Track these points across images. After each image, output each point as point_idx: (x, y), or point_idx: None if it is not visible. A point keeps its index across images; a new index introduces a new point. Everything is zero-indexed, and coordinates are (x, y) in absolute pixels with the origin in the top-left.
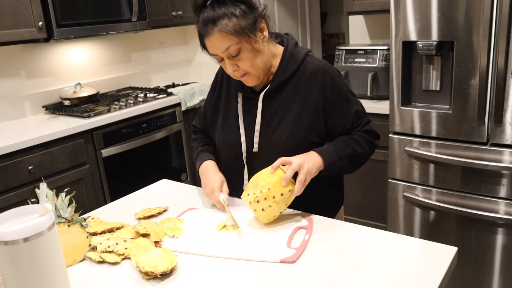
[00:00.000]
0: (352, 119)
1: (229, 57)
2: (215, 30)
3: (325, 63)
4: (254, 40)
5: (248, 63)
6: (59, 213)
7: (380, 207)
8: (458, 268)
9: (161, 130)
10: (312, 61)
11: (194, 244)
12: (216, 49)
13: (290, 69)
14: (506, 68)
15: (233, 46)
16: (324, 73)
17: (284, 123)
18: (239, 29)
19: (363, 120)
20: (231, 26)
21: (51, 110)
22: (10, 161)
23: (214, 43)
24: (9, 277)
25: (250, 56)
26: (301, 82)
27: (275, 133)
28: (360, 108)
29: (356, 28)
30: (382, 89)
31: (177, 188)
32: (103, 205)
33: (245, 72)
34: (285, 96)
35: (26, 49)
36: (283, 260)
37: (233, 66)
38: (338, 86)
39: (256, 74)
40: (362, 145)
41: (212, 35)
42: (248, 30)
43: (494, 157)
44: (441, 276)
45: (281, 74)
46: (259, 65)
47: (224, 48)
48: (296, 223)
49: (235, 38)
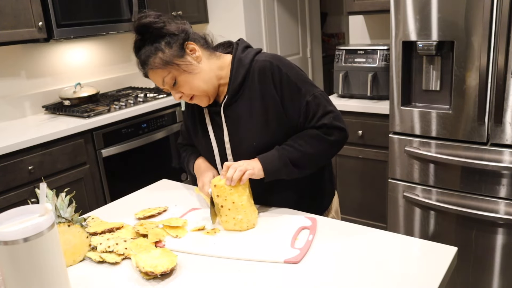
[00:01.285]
0: (304, 111)
1: (170, 87)
2: (147, 69)
3: (272, 56)
4: (185, 65)
5: (187, 87)
6: (59, 213)
7: (380, 207)
8: (458, 268)
9: (161, 130)
10: (260, 58)
11: (196, 244)
12: (157, 83)
13: (240, 75)
14: (506, 68)
15: (167, 77)
16: (271, 66)
17: (251, 129)
18: (165, 61)
19: (317, 113)
20: (157, 61)
21: (51, 110)
22: (10, 161)
23: (153, 79)
24: (9, 277)
25: (187, 80)
26: (254, 83)
27: (244, 140)
28: (313, 99)
29: (356, 28)
30: (382, 89)
31: (177, 188)
32: (103, 205)
33: (191, 96)
34: (244, 102)
35: (26, 49)
36: (287, 261)
37: (178, 93)
38: (286, 76)
39: (203, 94)
40: (310, 144)
41: (149, 73)
42: (175, 58)
43: (494, 157)
44: (441, 276)
45: (233, 82)
46: (200, 86)
47: (161, 81)
48: (299, 224)
49: (164, 71)
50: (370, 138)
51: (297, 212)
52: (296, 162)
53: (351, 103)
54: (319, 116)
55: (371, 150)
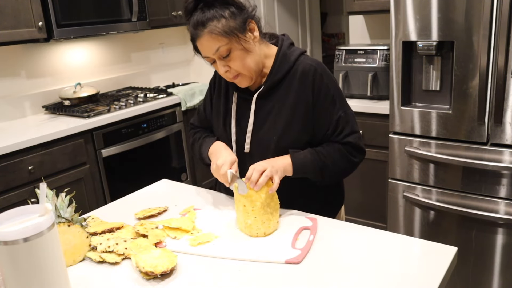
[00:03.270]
0: (334, 124)
1: (220, 58)
2: (204, 32)
3: (317, 63)
4: (244, 40)
5: (239, 63)
6: (59, 213)
7: (380, 207)
8: (458, 268)
9: (161, 130)
10: (305, 60)
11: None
12: (207, 50)
13: (283, 70)
14: (506, 68)
15: (223, 47)
16: (315, 72)
17: (276, 124)
18: (228, 29)
19: (346, 129)
20: (220, 27)
21: (51, 110)
22: (10, 161)
23: (204, 45)
24: (9, 277)
25: (240, 56)
26: (294, 82)
27: (266, 134)
28: (344, 116)
29: (356, 28)
30: (382, 89)
31: (177, 188)
32: (103, 205)
33: (237, 73)
34: (278, 97)
35: (26, 49)
36: (288, 261)
37: (224, 67)
38: (326, 86)
39: (248, 75)
40: (335, 159)
41: (202, 37)
42: (237, 31)
43: (494, 157)
44: (441, 276)
45: (274, 74)
46: (250, 65)
47: (215, 49)
48: (300, 224)
49: (224, 39)
50: (370, 138)
51: (297, 212)
52: (323, 169)
53: (351, 103)
54: (346, 134)
55: (371, 150)
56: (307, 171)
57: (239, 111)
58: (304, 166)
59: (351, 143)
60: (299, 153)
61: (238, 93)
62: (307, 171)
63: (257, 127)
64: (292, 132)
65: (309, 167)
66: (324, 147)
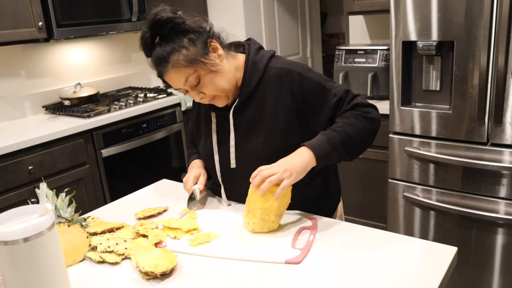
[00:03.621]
0: (334, 103)
1: (191, 88)
2: (169, 67)
3: (288, 63)
4: (210, 64)
5: (211, 87)
6: (59, 213)
7: (380, 207)
8: (458, 268)
9: (161, 130)
10: (275, 65)
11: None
12: (176, 84)
13: (254, 80)
14: (506, 68)
15: (191, 77)
16: (289, 74)
17: (258, 133)
18: (191, 59)
19: (346, 98)
20: (182, 58)
21: (51, 110)
22: (10, 161)
23: (172, 79)
24: (9, 277)
25: (211, 80)
26: (268, 90)
27: (250, 145)
28: (338, 89)
29: (356, 28)
30: (382, 89)
31: (177, 188)
32: (103, 205)
33: (212, 96)
34: (255, 107)
35: (26, 49)
36: (288, 261)
37: (199, 95)
38: (309, 79)
39: (224, 95)
40: (352, 123)
41: (168, 73)
42: (201, 56)
43: (494, 157)
44: (441, 276)
45: (246, 86)
46: (223, 86)
47: (183, 81)
48: (300, 224)
49: (190, 69)
50: None
51: (297, 212)
52: (344, 143)
53: None
54: (349, 100)
55: (371, 150)
56: (330, 153)
57: (219, 129)
58: (325, 151)
59: (358, 104)
60: (313, 141)
61: (216, 112)
62: (330, 153)
63: (240, 141)
64: (275, 138)
65: (330, 150)
66: (336, 120)
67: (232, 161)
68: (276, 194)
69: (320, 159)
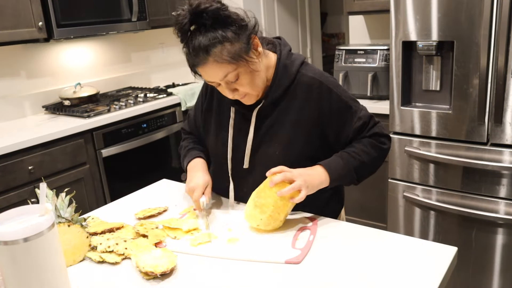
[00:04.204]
0: (358, 126)
1: (227, 83)
2: (209, 60)
3: (320, 74)
4: (251, 62)
5: (247, 86)
6: (59, 213)
7: (380, 207)
8: (458, 268)
9: (161, 130)
10: (307, 73)
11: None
12: (213, 77)
13: (283, 84)
14: (506, 68)
15: (231, 74)
16: (320, 86)
17: (278, 139)
18: (234, 55)
19: (369, 124)
20: (226, 54)
21: (51, 110)
22: (10, 161)
23: (209, 73)
24: (9, 277)
25: (249, 79)
26: (296, 97)
27: (267, 149)
28: (363, 114)
29: (356, 28)
30: (382, 89)
31: (177, 188)
32: (103, 205)
33: (245, 94)
34: (279, 112)
35: (26, 49)
36: (288, 261)
37: (232, 91)
38: (338, 96)
39: (256, 93)
40: (368, 153)
41: (206, 65)
42: (244, 53)
43: (494, 157)
44: (441, 276)
45: (274, 90)
46: (259, 85)
47: (222, 76)
48: (300, 224)
49: (231, 66)
50: None
51: (297, 212)
52: (357, 170)
53: None
54: (370, 127)
55: None
56: (343, 177)
57: (236, 126)
58: (339, 175)
59: (378, 133)
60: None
61: (236, 108)
62: (343, 177)
63: (257, 143)
64: (294, 148)
65: (344, 175)
66: (353, 145)
67: (246, 162)
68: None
69: (334, 182)
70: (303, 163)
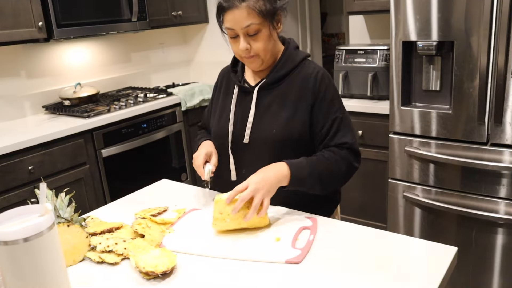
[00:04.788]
0: (329, 123)
1: (245, 35)
2: (242, 5)
3: (320, 67)
4: (272, 27)
5: (261, 45)
6: (58, 213)
7: (380, 207)
8: (458, 268)
9: (161, 130)
10: (310, 64)
11: (196, 245)
12: (237, 24)
13: (286, 67)
14: (506, 68)
15: (254, 25)
16: (317, 75)
17: (277, 118)
18: (265, 10)
19: (342, 130)
20: (259, 5)
21: (51, 110)
22: (10, 161)
23: (237, 18)
24: (9, 277)
25: (265, 39)
26: (296, 82)
27: (266, 126)
28: (341, 118)
29: (356, 28)
30: (382, 89)
31: (177, 188)
32: (103, 205)
33: (255, 53)
34: (280, 93)
35: (26, 49)
36: (288, 261)
37: (246, 45)
38: (326, 88)
39: (264, 58)
40: (339, 165)
41: (238, 9)
42: (270, 16)
43: (494, 157)
44: (441, 276)
45: (277, 70)
46: (269, 51)
47: (246, 24)
48: (300, 224)
49: (259, 18)
50: (370, 138)
51: (297, 212)
52: (321, 177)
53: (351, 103)
54: (341, 134)
55: (371, 150)
56: (304, 179)
57: (238, 104)
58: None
59: (348, 143)
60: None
61: (239, 86)
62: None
63: (257, 119)
64: (292, 128)
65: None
66: (323, 154)
67: (246, 136)
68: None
69: (293, 181)
70: (297, 143)
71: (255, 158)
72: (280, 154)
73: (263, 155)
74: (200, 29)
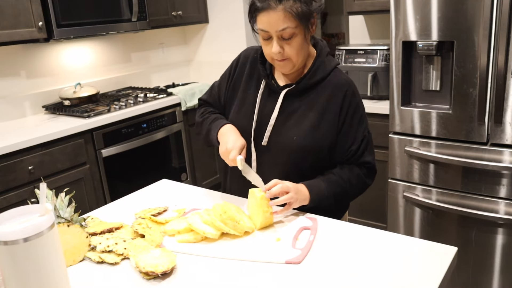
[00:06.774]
0: (359, 142)
1: (279, 38)
2: (279, 7)
3: (351, 81)
4: (308, 30)
5: (295, 49)
6: (58, 213)
7: (380, 207)
8: (458, 268)
9: (161, 130)
10: (340, 75)
11: (196, 245)
12: (272, 26)
13: (318, 76)
14: (506, 68)
15: (290, 29)
16: (348, 89)
17: (300, 126)
18: (302, 14)
19: (367, 149)
20: (296, 8)
21: (51, 110)
22: (10, 161)
23: (272, 21)
24: (9, 277)
25: (299, 43)
26: (326, 91)
27: (288, 132)
28: (368, 136)
29: (356, 28)
30: (382, 89)
31: (177, 188)
32: (103, 205)
33: (287, 57)
34: (307, 101)
35: (26, 49)
36: (288, 261)
37: (279, 48)
38: (357, 104)
39: (296, 62)
40: (353, 186)
41: (274, 12)
42: (306, 19)
43: (494, 157)
44: (441, 276)
45: (309, 78)
46: (303, 55)
47: (281, 28)
48: (300, 224)
49: (295, 21)
50: None
51: (297, 212)
52: (336, 198)
53: None
54: (367, 154)
55: None
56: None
57: (262, 102)
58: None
59: (370, 162)
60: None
61: (267, 82)
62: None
63: (279, 123)
64: (315, 137)
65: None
66: (341, 175)
67: (265, 138)
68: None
69: (312, 203)
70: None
71: (267, 160)
72: (293, 162)
73: (276, 160)
74: (200, 29)
